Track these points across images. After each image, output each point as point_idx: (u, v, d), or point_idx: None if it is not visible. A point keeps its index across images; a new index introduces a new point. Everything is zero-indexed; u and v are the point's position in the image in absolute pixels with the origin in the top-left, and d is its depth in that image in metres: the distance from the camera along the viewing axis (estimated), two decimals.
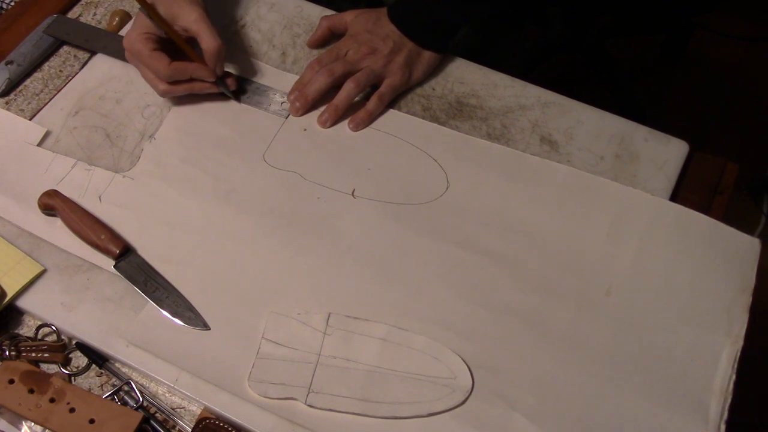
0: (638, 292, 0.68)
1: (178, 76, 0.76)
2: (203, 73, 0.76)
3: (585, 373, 0.63)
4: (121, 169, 0.76)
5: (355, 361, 0.63)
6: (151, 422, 0.62)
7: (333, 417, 0.61)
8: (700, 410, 0.61)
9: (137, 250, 0.70)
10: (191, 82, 0.77)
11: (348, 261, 0.69)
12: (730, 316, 0.66)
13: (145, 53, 0.74)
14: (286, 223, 0.72)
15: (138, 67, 0.78)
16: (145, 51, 0.74)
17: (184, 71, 0.76)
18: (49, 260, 0.69)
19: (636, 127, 0.78)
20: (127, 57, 0.78)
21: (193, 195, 0.74)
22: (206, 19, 0.75)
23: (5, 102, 0.81)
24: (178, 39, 0.75)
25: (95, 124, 0.79)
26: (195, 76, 0.76)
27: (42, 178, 0.74)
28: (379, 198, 0.73)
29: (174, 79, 0.76)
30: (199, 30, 0.75)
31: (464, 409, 0.61)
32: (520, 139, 0.78)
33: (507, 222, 0.72)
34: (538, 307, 0.67)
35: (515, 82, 0.82)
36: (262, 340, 0.64)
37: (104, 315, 0.66)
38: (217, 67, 0.76)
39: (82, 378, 0.65)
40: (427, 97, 0.82)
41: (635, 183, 0.74)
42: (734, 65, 1.92)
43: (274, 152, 0.77)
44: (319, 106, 0.80)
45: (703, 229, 0.71)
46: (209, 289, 0.68)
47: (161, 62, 0.74)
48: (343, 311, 0.66)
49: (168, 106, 0.80)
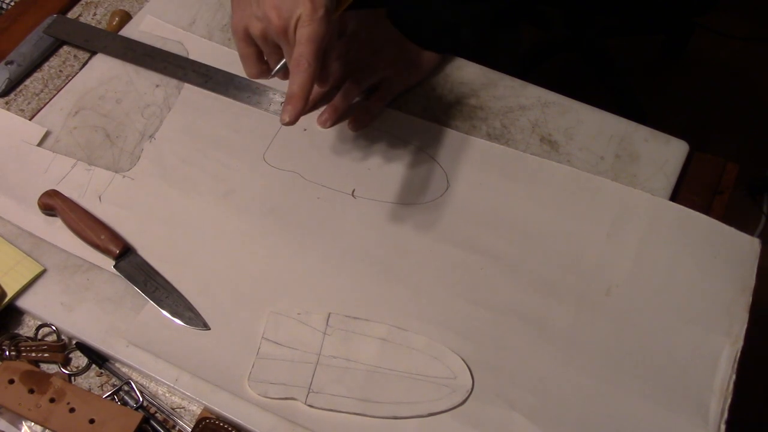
0: (638, 292, 0.68)
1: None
2: None
3: (585, 373, 0.63)
4: (121, 169, 0.76)
5: (355, 361, 0.63)
6: (151, 422, 0.62)
7: (333, 417, 0.61)
8: (700, 410, 0.62)
9: (137, 250, 0.70)
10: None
11: (348, 261, 0.69)
12: (730, 316, 0.66)
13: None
14: (286, 223, 0.72)
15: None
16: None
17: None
18: (49, 260, 0.69)
19: (636, 127, 0.78)
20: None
21: (193, 195, 0.74)
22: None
23: (5, 102, 0.81)
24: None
25: (95, 124, 0.79)
26: None
27: (42, 178, 0.74)
28: (379, 198, 0.73)
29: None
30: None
31: (464, 409, 0.61)
32: (520, 139, 0.78)
33: (507, 222, 0.72)
34: (538, 307, 0.67)
35: (515, 82, 0.82)
36: (262, 340, 0.64)
37: (104, 315, 0.66)
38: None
39: (82, 378, 0.65)
40: (427, 97, 0.82)
41: (635, 183, 0.74)
42: (734, 65, 1.93)
43: (274, 152, 0.77)
44: (319, 106, 0.80)
45: (703, 229, 0.71)
46: (209, 289, 0.68)
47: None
48: (343, 311, 0.66)
49: (168, 106, 0.80)
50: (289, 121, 0.62)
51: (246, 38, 0.65)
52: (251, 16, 0.63)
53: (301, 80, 0.61)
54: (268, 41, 0.64)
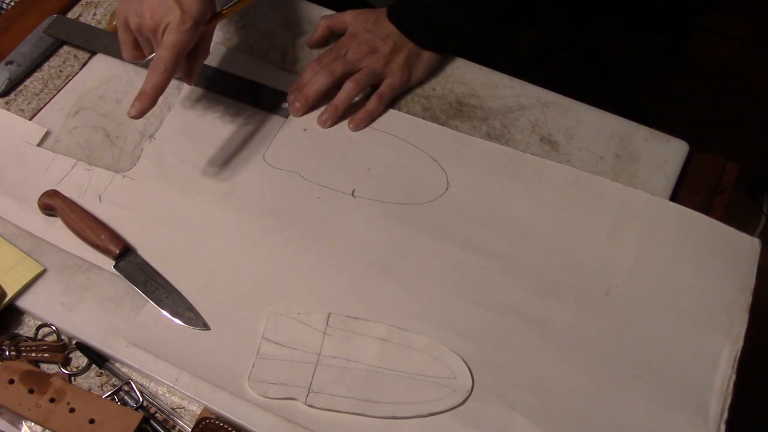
0: (638, 292, 0.68)
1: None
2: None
3: (585, 373, 0.63)
4: (121, 169, 0.76)
5: (355, 361, 0.63)
6: (151, 422, 0.62)
7: (333, 417, 0.61)
8: (700, 410, 0.62)
9: (137, 250, 0.70)
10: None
11: (348, 261, 0.69)
12: (730, 316, 0.66)
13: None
14: (286, 223, 0.72)
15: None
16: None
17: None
18: (49, 260, 0.69)
19: (636, 127, 0.78)
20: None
21: (193, 195, 0.74)
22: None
23: (5, 102, 0.81)
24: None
25: (95, 124, 0.79)
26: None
27: (42, 178, 0.74)
28: (379, 198, 0.73)
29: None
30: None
31: (464, 409, 0.61)
32: (520, 139, 0.78)
33: (507, 222, 0.72)
34: (538, 307, 0.67)
35: (515, 82, 0.82)
36: (262, 340, 0.64)
37: (104, 315, 0.66)
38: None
39: (82, 378, 0.65)
40: (427, 97, 0.82)
41: (635, 183, 0.74)
42: (734, 65, 1.92)
43: (274, 152, 0.77)
44: (319, 106, 0.80)
45: (703, 229, 0.71)
46: (209, 289, 0.68)
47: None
48: (343, 311, 0.66)
49: (168, 106, 0.80)
50: (135, 115, 0.68)
51: (125, 27, 0.71)
52: (132, 10, 0.70)
53: (155, 81, 0.68)
54: (142, 34, 0.71)
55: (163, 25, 0.68)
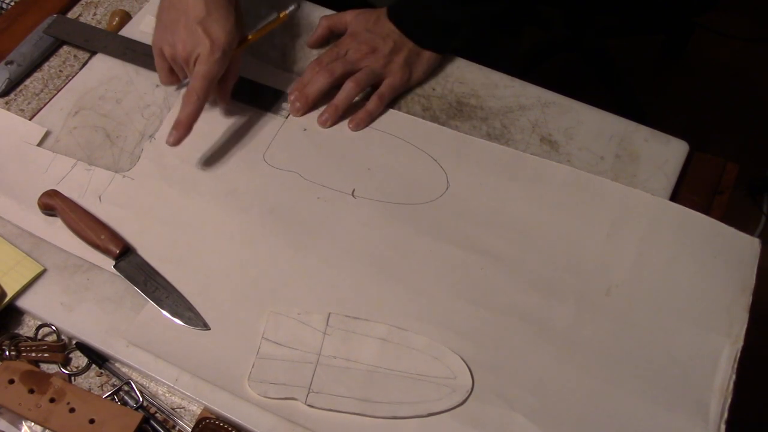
0: (638, 292, 0.68)
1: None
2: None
3: (585, 373, 0.63)
4: (121, 169, 0.76)
5: (355, 361, 0.63)
6: (151, 422, 0.62)
7: (333, 417, 0.61)
8: (700, 410, 0.62)
9: (137, 250, 0.70)
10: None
11: (348, 261, 0.69)
12: (730, 316, 0.66)
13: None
14: (286, 223, 0.72)
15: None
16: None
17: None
18: (49, 260, 0.69)
19: (636, 127, 0.78)
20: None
21: (193, 195, 0.74)
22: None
23: (5, 102, 0.81)
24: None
25: (95, 124, 0.79)
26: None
27: (42, 178, 0.74)
28: (379, 198, 0.73)
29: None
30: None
31: (464, 409, 0.61)
32: (520, 139, 0.78)
33: (507, 222, 0.72)
34: (538, 307, 0.67)
35: (515, 82, 0.82)
36: (262, 340, 0.64)
37: (104, 315, 0.66)
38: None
39: (82, 378, 0.65)
40: (427, 97, 0.82)
41: (635, 183, 0.74)
42: (734, 65, 1.93)
43: (274, 152, 0.77)
44: (320, 106, 0.80)
45: (703, 229, 0.71)
46: (209, 289, 0.68)
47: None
48: (343, 311, 0.66)
49: (168, 106, 0.80)
50: (173, 143, 0.72)
51: (160, 55, 0.76)
52: (165, 41, 0.74)
53: (189, 111, 0.72)
54: (176, 62, 0.75)
55: (194, 56, 0.71)
